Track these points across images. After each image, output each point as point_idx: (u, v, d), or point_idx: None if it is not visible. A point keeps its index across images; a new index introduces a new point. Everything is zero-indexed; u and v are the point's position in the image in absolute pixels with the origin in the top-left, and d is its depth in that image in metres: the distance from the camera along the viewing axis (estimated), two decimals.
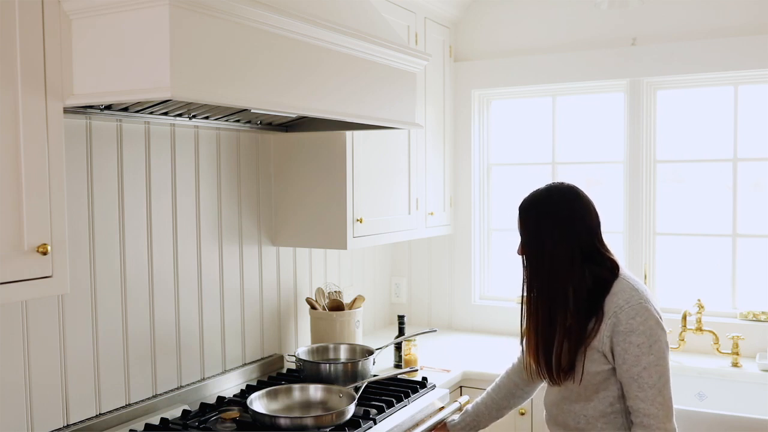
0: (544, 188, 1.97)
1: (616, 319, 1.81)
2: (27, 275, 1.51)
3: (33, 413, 1.91)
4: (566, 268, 1.87)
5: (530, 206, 1.95)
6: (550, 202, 1.92)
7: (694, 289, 3.33)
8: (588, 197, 1.95)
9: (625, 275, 1.90)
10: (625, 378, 1.82)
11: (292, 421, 2.04)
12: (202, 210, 2.47)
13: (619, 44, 3.33)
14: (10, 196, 1.48)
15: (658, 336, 1.81)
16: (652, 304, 1.85)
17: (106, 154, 2.11)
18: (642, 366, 1.79)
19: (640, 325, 1.79)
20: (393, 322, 3.68)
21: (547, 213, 1.91)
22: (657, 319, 1.82)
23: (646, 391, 1.79)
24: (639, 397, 1.80)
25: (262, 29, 1.70)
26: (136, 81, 1.51)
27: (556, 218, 1.89)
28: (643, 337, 1.79)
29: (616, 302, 1.83)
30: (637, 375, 1.79)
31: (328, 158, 2.66)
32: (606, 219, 1.88)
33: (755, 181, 3.28)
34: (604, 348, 1.83)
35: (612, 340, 1.82)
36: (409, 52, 2.32)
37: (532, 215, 1.93)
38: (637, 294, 1.84)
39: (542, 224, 1.90)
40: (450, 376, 2.82)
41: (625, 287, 1.85)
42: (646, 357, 1.79)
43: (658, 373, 1.79)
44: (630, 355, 1.79)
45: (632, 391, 1.81)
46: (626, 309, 1.81)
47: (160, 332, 2.31)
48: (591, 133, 3.59)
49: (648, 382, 1.79)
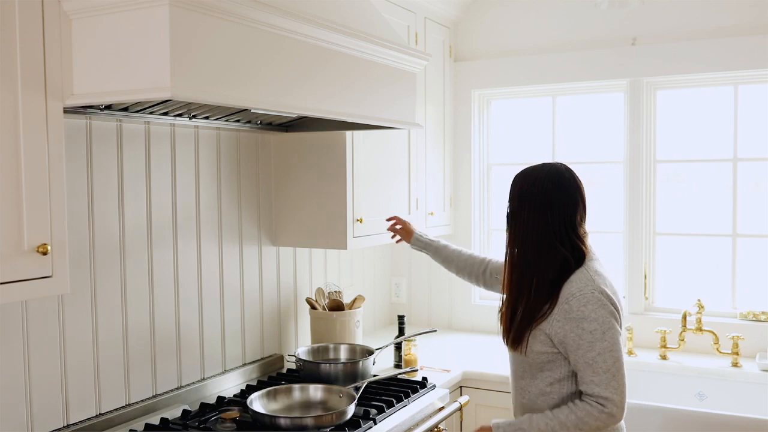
0: (538, 168, 2.05)
1: (568, 305, 1.89)
2: (27, 275, 1.51)
3: (33, 413, 1.91)
4: (535, 250, 1.96)
5: (519, 181, 2.05)
6: (534, 184, 2.00)
7: (694, 289, 3.33)
8: (574, 186, 2.02)
9: (590, 266, 1.95)
10: (580, 363, 1.88)
11: (292, 421, 2.04)
12: (202, 210, 2.47)
13: (619, 44, 3.33)
14: (10, 196, 1.48)
15: (610, 324, 1.87)
16: (608, 295, 1.90)
17: (106, 154, 2.11)
18: (596, 351, 1.85)
19: (592, 312, 1.86)
20: (393, 322, 3.68)
21: (529, 194, 1.99)
22: (610, 309, 1.88)
23: (600, 375, 1.85)
24: (594, 382, 1.86)
25: (262, 29, 1.70)
26: (136, 81, 1.51)
27: (535, 204, 1.98)
28: (596, 324, 1.86)
29: (569, 289, 1.90)
30: (591, 360, 1.86)
31: (328, 158, 2.66)
32: (606, 219, 1.89)
33: (755, 181, 3.28)
34: (551, 331, 1.91)
35: (564, 327, 1.89)
36: (409, 53, 2.32)
37: (517, 191, 2.03)
38: (592, 284, 1.90)
39: (524, 203, 2.00)
40: (450, 376, 2.82)
41: (583, 276, 1.91)
42: (599, 343, 1.85)
43: (612, 359, 1.85)
44: (584, 341, 1.86)
45: (587, 376, 1.87)
46: (578, 296, 1.88)
47: (160, 332, 2.31)
48: (591, 133, 3.59)
49: (602, 367, 1.85)
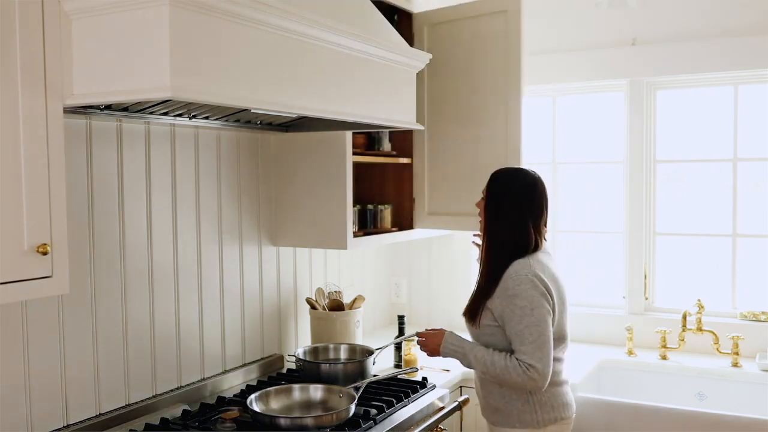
0: (513, 172, 2.35)
1: (505, 284, 2.18)
2: (27, 275, 1.50)
3: (33, 413, 1.91)
4: (499, 241, 2.26)
5: (498, 180, 2.32)
6: (509, 186, 2.29)
7: (694, 289, 3.33)
8: (539, 193, 2.30)
9: (536, 256, 2.24)
10: (512, 334, 2.16)
11: (292, 421, 2.04)
12: (202, 210, 2.47)
13: (619, 44, 3.33)
14: (10, 196, 1.48)
15: (540, 303, 2.15)
16: (542, 278, 2.17)
17: (106, 154, 2.11)
18: (524, 325, 2.13)
19: (524, 291, 2.15)
20: (393, 322, 3.67)
21: (503, 194, 2.28)
22: (541, 290, 2.16)
23: (527, 345, 2.13)
24: (521, 351, 2.14)
25: (263, 29, 1.70)
26: (136, 81, 1.51)
27: (505, 203, 2.27)
28: (525, 301, 2.14)
29: (509, 272, 2.19)
30: (519, 332, 2.14)
31: (328, 158, 2.66)
32: (606, 219, 1.96)
33: (755, 181, 3.28)
34: (493, 306, 2.21)
35: (502, 303, 2.18)
36: (409, 53, 2.32)
37: (494, 190, 2.30)
38: (528, 268, 2.18)
39: (499, 201, 2.28)
40: (450, 376, 2.83)
41: (523, 262, 2.20)
42: (528, 318, 2.13)
43: (537, 332, 2.13)
44: (515, 315, 2.15)
45: (516, 345, 2.15)
46: (514, 277, 2.17)
47: (160, 332, 2.31)
48: (591, 133, 3.59)
49: (528, 339, 2.13)
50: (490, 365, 2.18)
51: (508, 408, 2.25)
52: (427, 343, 2.38)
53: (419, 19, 3.00)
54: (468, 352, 2.25)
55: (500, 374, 2.16)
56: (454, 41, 2.92)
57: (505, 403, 2.25)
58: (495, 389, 2.28)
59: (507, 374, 2.14)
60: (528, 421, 2.23)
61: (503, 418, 2.27)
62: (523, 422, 2.23)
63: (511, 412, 2.25)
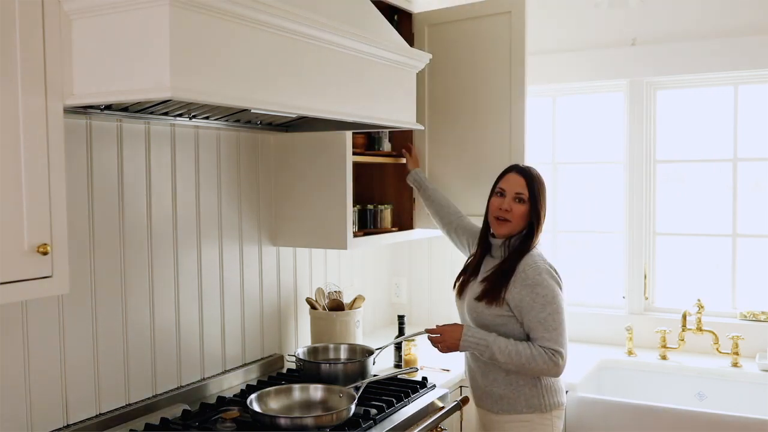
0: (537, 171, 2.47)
1: (524, 274, 2.25)
2: (27, 275, 1.50)
3: (33, 413, 1.91)
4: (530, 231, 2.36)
5: (537, 179, 2.42)
6: (543, 183, 2.43)
7: (694, 289, 3.33)
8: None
9: (538, 250, 2.34)
10: (534, 322, 2.22)
11: (292, 421, 2.04)
12: (202, 210, 2.47)
13: (619, 44, 3.33)
14: (10, 196, 1.48)
15: (558, 292, 2.25)
16: (556, 270, 2.29)
17: (106, 154, 2.11)
18: (548, 312, 2.21)
19: (544, 281, 2.24)
20: (393, 322, 3.67)
21: (543, 191, 2.42)
22: (557, 280, 2.27)
23: (551, 332, 2.20)
24: (545, 338, 2.20)
25: (263, 29, 1.70)
26: (136, 81, 1.51)
27: (544, 200, 2.40)
28: (548, 290, 2.23)
29: (526, 262, 2.28)
30: (543, 319, 2.21)
31: (328, 158, 2.66)
32: (606, 219, 2.01)
33: (755, 181, 3.28)
34: (509, 297, 2.26)
35: (521, 293, 2.24)
36: (409, 53, 2.32)
37: (535, 187, 2.39)
38: (543, 260, 2.29)
39: (541, 196, 2.38)
40: (450, 376, 2.82)
41: (535, 254, 2.31)
42: (550, 305, 2.22)
43: (560, 320, 2.22)
44: (537, 304, 2.22)
45: (539, 332, 2.21)
46: (533, 267, 2.26)
47: (160, 332, 2.31)
48: (591, 133, 3.59)
49: (552, 325, 2.21)
50: (515, 355, 2.20)
51: (515, 394, 2.29)
52: (444, 338, 2.33)
53: (419, 20, 3.00)
54: (491, 344, 2.24)
55: (525, 363, 2.20)
56: (455, 41, 2.92)
57: (513, 389, 2.29)
58: (500, 376, 2.31)
59: (533, 363, 2.19)
60: (536, 405, 2.29)
61: (509, 404, 2.31)
62: (531, 407, 2.29)
63: (518, 398, 2.29)
